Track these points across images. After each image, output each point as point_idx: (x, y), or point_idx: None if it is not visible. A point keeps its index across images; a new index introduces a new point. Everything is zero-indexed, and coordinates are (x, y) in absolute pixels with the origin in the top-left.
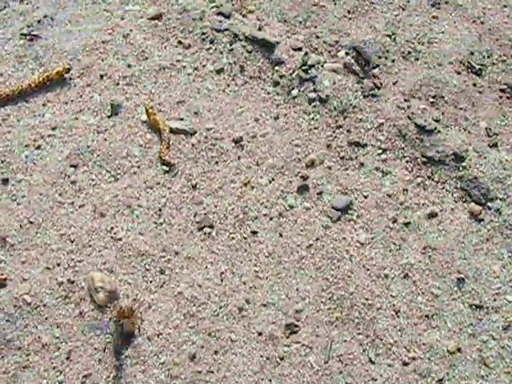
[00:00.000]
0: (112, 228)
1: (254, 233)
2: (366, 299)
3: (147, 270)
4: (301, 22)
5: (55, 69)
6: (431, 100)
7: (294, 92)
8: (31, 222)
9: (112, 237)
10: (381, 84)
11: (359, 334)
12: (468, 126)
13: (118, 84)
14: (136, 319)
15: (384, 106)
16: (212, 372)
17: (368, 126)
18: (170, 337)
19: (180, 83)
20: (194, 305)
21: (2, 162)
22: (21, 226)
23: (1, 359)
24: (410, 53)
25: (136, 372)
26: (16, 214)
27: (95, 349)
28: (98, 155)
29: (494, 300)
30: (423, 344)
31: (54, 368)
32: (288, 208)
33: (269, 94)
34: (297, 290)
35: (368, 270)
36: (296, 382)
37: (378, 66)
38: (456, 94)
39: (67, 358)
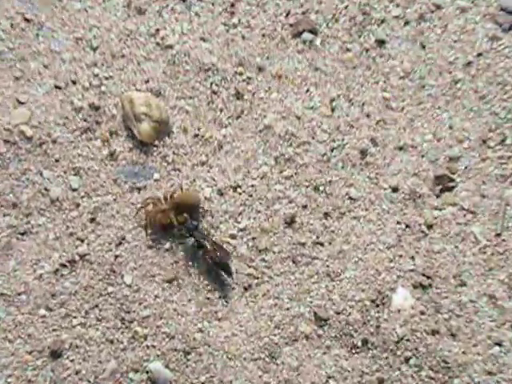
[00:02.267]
0: (157, 30)
1: (382, 43)
2: None
3: (215, 92)
4: None
5: None
6: None
7: None
8: (27, 20)
9: (158, 43)
10: None
11: None
12: None
13: None
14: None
15: None
16: None
17: None
18: (253, 190)
19: None
20: (290, 145)
21: None
22: (12, 25)
23: None
24: None
25: None
26: (4, 9)
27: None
28: None
29: None
30: None
31: (71, 235)
32: (434, 8)
33: None
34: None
35: None
36: None
37: None
38: None
39: (92, 220)
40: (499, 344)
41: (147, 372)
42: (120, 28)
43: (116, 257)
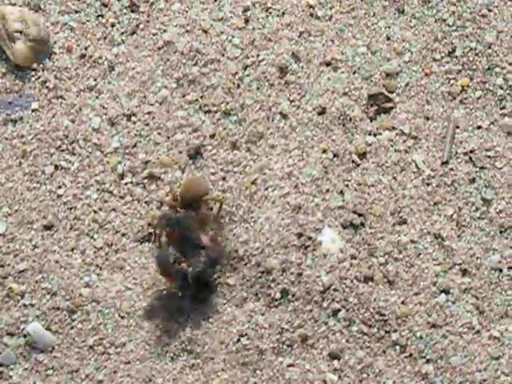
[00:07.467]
0: None
1: None
2: None
3: (105, 4)
4: None
5: None
6: None
7: None
8: None
9: None
10: None
11: None
12: None
13: None
14: None
15: None
16: None
17: None
18: (151, 118)
19: None
20: (195, 63)
21: None
22: None
23: None
24: None
25: None
26: None
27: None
28: None
29: None
30: None
31: None
32: None
33: None
34: None
35: None
36: None
37: None
38: None
39: None
40: (446, 291)
41: (25, 336)
42: None
43: None
